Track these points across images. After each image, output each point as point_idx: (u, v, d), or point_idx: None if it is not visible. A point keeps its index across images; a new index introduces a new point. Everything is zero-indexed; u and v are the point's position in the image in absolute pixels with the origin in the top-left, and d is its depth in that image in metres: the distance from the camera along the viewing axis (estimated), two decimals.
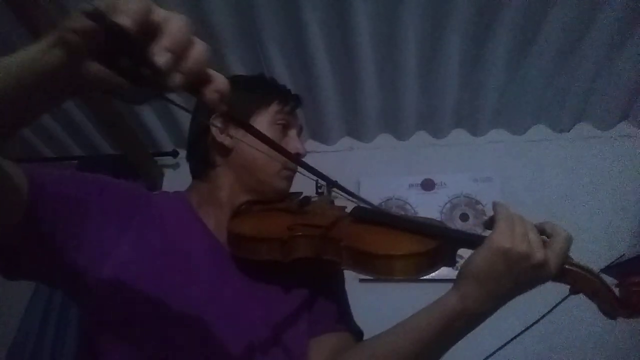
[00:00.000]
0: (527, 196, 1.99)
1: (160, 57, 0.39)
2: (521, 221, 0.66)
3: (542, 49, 1.73)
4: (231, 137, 0.85)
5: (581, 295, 0.67)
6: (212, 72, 0.45)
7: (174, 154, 2.30)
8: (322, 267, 0.78)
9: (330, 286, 0.89)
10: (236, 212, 0.85)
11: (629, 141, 2.00)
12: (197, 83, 0.43)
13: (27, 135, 2.32)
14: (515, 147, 2.09)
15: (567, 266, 0.65)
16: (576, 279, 0.65)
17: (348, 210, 0.85)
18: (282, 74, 1.87)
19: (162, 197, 0.85)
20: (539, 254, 0.62)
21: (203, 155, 0.88)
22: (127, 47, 0.38)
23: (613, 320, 0.65)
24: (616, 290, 0.64)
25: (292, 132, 0.90)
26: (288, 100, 0.90)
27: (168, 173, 2.34)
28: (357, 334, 0.85)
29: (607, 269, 1.78)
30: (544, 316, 0.69)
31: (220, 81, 0.45)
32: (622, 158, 1.97)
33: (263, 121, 0.86)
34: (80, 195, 0.67)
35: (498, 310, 0.67)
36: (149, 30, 0.39)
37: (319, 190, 0.89)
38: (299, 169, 0.75)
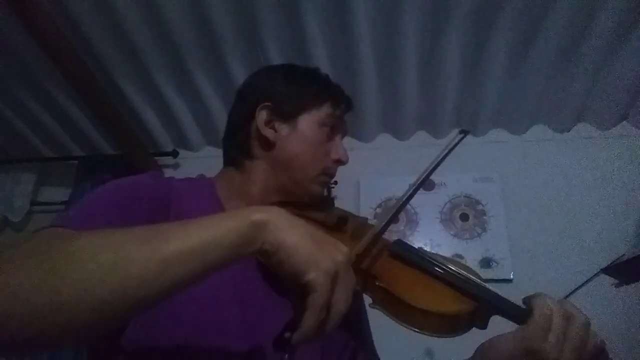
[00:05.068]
0: (527, 196, 1.99)
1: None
2: (560, 323, 0.60)
3: (542, 49, 1.73)
4: (275, 131, 0.82)
5: (578, 297, 0.66)
6: None
7: (174, 154, 2.30)
8: None
9: (355, 315, 0.84)
10: None
11: (629, 141, 2.00)
12: None
13: (27, 135, 2.32)
14: (515, 147, 2.09)
15: None
16: None
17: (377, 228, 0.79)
18: None
19: (185, 185, 0.80)
20: None
21: (242, 144, 0.84)
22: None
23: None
24: None
25: (338, 138, 0.86)
26: (341, 102, 0.87)
27: (168, 173, 2.34)
28: None
29: (607, 269, 1.78)
30: None
31: None
32: (622, 158, 1.97)
33: (311, 120, 0.82)
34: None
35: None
36: None
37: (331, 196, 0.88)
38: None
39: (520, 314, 0.63)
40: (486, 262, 1.88)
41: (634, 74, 1.80)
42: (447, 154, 0.80)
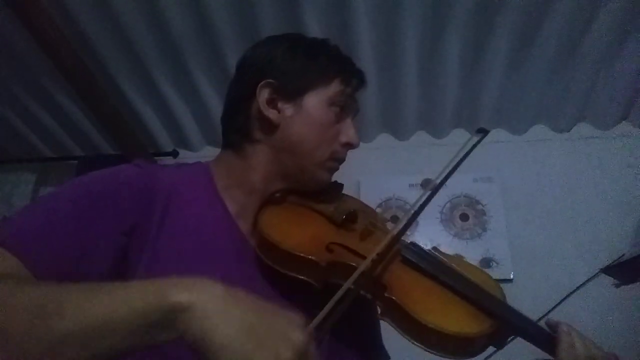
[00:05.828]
0: (527, 196, 1.99)
1: None
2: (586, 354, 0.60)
3: (542, 49, 1.73)
4: (279, 111, 0.73)
5: (578, 297, 0.66)
6: None
7: (174, 154, 2.30)
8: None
9: (365, 315, 0.74)
10: (269, 200, 0.74)
11: (629, 141, 2.00)
12: None
13: (27, 135, 2.32)
14: (515, 147, 2.09)
15: None
16: None
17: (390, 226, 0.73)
18: None
19: (179, 172, 0.73)
20: None
21: (242, 126, 0.75)
22: None
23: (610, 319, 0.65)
24: None
25: (348, 119, 0.78)
26: (352, 78, 0.77)
27: None
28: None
29: (607, 269, 1.78)
30: (542, 317, 0.69)
31: None
32: (622, 158, 1.97)
33: (319, 100, 0.74)
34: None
35: None
36: None
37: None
38: None
39: (544, 339, 0.60)
40: (486, 262, 1.88)
41: (634, 74, 1.80)
42: (468, 154, 0.75)
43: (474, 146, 0.75)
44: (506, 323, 0.60)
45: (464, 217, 2.00)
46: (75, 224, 0.57)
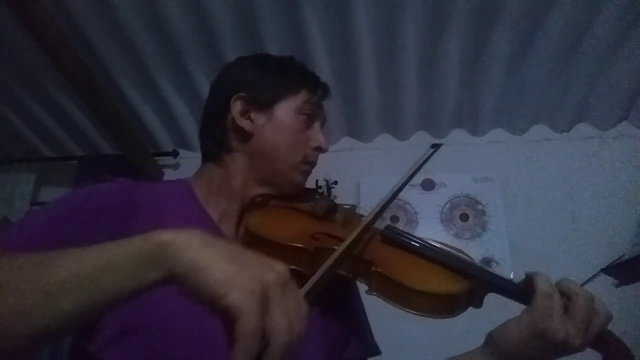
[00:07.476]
0: (527, 196, 1.99)
1: None
2: (561, 302, 0.62)
3: (542, 48, 1.73)
4: (252, 121, 0.80)
5: None
6: None
7: (174, 154, 2.30)
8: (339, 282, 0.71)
9: (348, 302, 0.81)
10: (251, 205, 0.79)
11: (629, 141, 2.00)
12: None
13: (27, 135, 2.32)
14: (515, 147, 2.09)
15: (603, 337, 0.63)
16: (609, 351, 0.64)
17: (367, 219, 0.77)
18: None
19: (161, 187, 0.79)
20: (576, 341, 0.60)
21: (219, 137, 0.82)
22: None
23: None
24: None
25: (316, 125, 0.84)
26: (317, 89, 0.84)
27: (168, 173, 2.34)
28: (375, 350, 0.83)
29: (607, 269, 1.79)
30: None
31: None
32: (622, 158, 1.97)
33: (288, 108, 0.81)
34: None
35: (497, 310, 0.68)
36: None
37: (319, 191, 0.86)
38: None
39: (516, 289, 0.66)
40: (486, 262, 1.88)
41: (633, 74, 1.80)
42: (418, 169, 0.81)
43: (425, 160, 0.82)
44: (481, 281, 0.67)
45: (464, 217, 2.00)
46: (61, 228, 0.61)
